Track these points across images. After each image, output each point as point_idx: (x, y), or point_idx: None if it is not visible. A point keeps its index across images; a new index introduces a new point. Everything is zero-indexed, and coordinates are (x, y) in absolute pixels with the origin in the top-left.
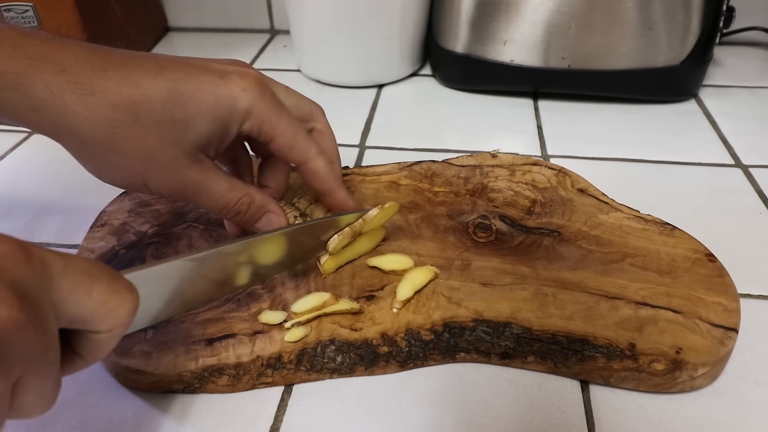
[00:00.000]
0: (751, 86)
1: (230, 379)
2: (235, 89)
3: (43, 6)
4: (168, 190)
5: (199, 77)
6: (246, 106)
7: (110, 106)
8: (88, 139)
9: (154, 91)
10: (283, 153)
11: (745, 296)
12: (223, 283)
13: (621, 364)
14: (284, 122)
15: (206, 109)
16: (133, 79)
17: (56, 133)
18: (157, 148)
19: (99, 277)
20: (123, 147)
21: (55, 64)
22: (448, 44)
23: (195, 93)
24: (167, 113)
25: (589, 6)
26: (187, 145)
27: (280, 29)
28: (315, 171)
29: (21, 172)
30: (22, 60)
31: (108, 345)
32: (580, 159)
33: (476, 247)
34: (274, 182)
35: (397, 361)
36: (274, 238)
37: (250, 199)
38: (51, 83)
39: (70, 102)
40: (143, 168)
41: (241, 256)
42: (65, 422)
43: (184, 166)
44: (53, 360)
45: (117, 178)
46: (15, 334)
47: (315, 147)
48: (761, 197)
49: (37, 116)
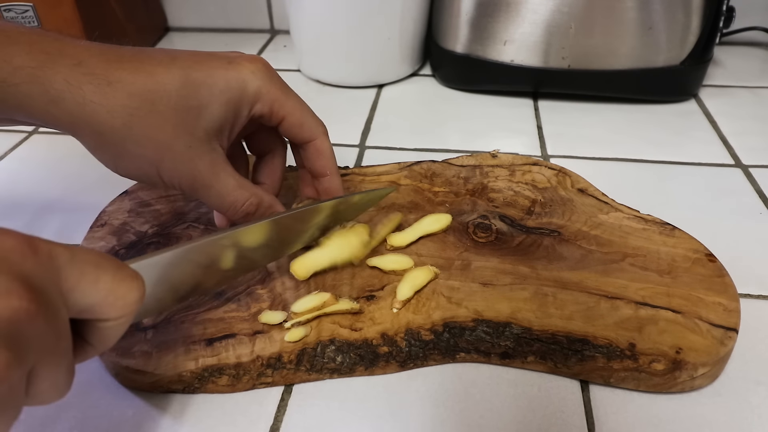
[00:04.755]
0: (751, 86)
1: (230, 379)
2: (244, 72)
3: (43, 6)
4: (179, 181)
5: (209, 63)
6: (256, 88)
7: (127, 95)
8: (105, 128)
9: (168, 79)
10: (293, 131)
11: (745, 296)
12: (220, 268)
13: (621, 364)
14: (293, 101)
15: (218, 92)
16: (147, 70)
17: (74, 125)
18: (172, 135)
19: (105, 266)
20: (139, 135)
21: (71, 58)
22: (448, 44)
23: (206, 78)
24: (182, 100)
25: (589, 6)
26: (201, 132)
27: (280, 29)
28: (321, 149)
29: (21, 172)
30: (39, 55)
31: (117, 332)
32: (580, 159)
33: (476, 247)
34: (269, 179)
35: (397, 361)
36: (265, 224)
37: (258, 200)
38: (68, 76)
39: (87, 93)
40: (158, 157)
41: (243, 241)
42: (65, 422)
43: (197, 155)
44: (65, 349)
45: (132, 168)
46: (27, 324)
47: (322, 126)
48: (761, 197)
49: (55, 109)
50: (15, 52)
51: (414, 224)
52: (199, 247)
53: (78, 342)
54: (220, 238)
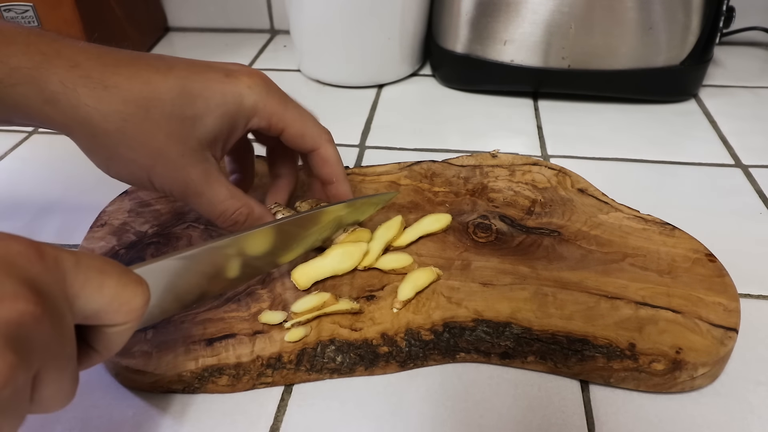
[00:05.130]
0: (751, 86)
1: (230, 379)
2: (241, 86)
3: (43, 6)
4: (170, 188)
5: (206, 75)
6: (252, 103)
7: (122, 100)
8: (98, 131)
9: (164, 88)
10: (295, 142)
11: (745, 296)
12: (225, 276)
13: (621, 364)
14: (291, 112)
15: (214, 105)
16: (144, 77)
17: (67, 126)
18: (165, 143)
19: (109, 272)
20: (132, 141)
21: (68, 60)
22: (448, 44)
23: (203, 90)
24: (177, 109)
25: (589, 6)
26: (194, 142)
27: (280, 29)
28: (326, 157)
29: (21, 172)
30: (36, 56)
31: (122, 338)
32: (580, 159)
33: (476, 247)
34: (286, 169)
35: (397, 361)
36: (267, 230)
37: (248, 210)
38: (64, 77)
39: (83, 95)
40: (150, 163)
41: (246, 248)
42: (65, 422)
43: (189, 163)
44: (71, 354)
45: (123, 173)
46: (33, 327)
47: (325, 133)
48: (761, 197)
49: (50, 109)
50: (12, 52)
51: (414, 224)
52: (202, 253)
53: (83, 348)
54: (224, 245)
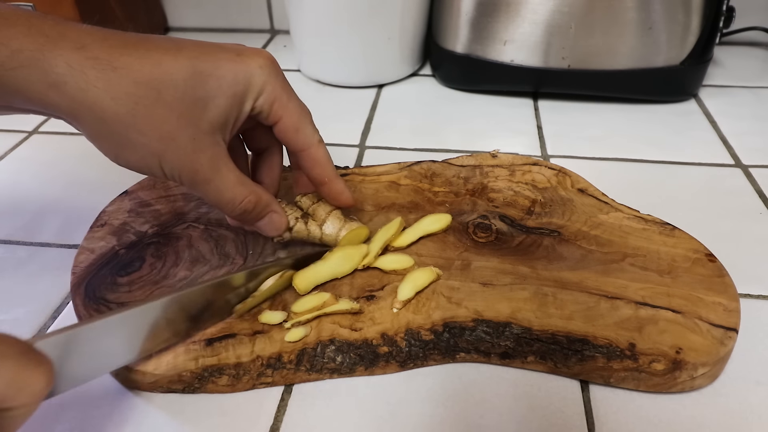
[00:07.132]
0: (751, 86)
1: (230, 379)
2: (252, 65)
3: (43, 6)
4: (180, 174)
5: (217, 55)
6: (261, 82)
7: (132, 82)
8: (108, 115)
9: (175, 69)
10: (288, 136)
11: (745, 296)
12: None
13: (621, 364)
14: (293, 103)
15: (226, 85)
16: (154, 58)
17: (74, 111)
18: (177, 126)
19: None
20: (143, 125)
21: (73, 41)
22: (448, 44)
23: (214, 70)
24: (189, 90)
25: (589, 6)
26: (206, 125)
27: (280, 29)
28: (317, 158)
29: (21, 172)
30: (39, 38)
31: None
32: (580, 159)
33: (476, 247)
34: (268, 177)
35: (397, 361)
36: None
37: (256, 198)
38: (70, 59)
39: (91, 77)
40: (161, 148)
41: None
42: (65, 422)
43: (200, 148)
44: None
45: (133, 159)
46: None
47: (318, 135)
48: (761, 197)
49: (56, 94)
50: (13, 34)
51: (414, 224)
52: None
53: None
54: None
